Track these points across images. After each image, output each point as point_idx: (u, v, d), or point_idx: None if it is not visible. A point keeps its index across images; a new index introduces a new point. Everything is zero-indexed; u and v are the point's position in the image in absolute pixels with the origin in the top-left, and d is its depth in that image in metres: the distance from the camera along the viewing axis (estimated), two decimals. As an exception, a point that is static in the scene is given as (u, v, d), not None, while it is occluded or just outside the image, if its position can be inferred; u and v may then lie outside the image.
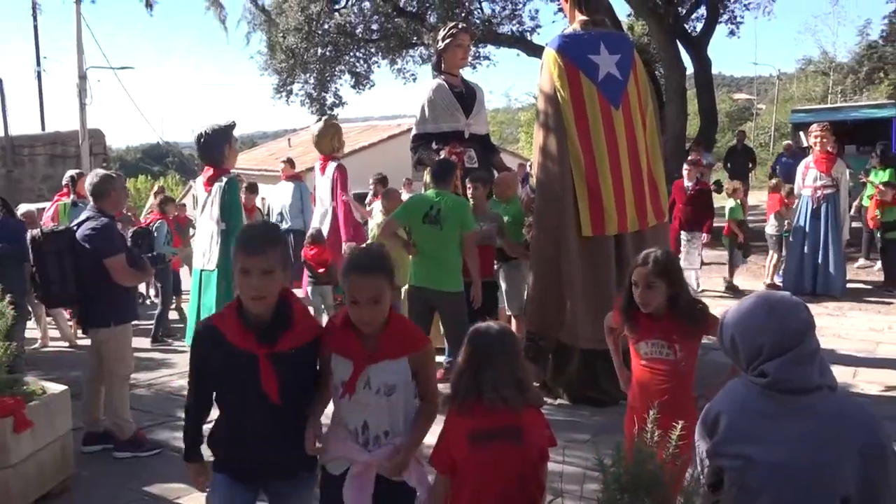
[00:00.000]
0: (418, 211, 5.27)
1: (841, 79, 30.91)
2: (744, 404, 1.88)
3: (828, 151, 8.81)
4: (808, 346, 1.84)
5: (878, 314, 7.89)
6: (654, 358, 2.99)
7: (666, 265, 2.94)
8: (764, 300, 1.94)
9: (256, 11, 14.86)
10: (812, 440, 1.77)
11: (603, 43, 5.47)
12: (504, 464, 2.30)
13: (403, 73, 16.99)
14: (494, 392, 2.29)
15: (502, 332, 2.44)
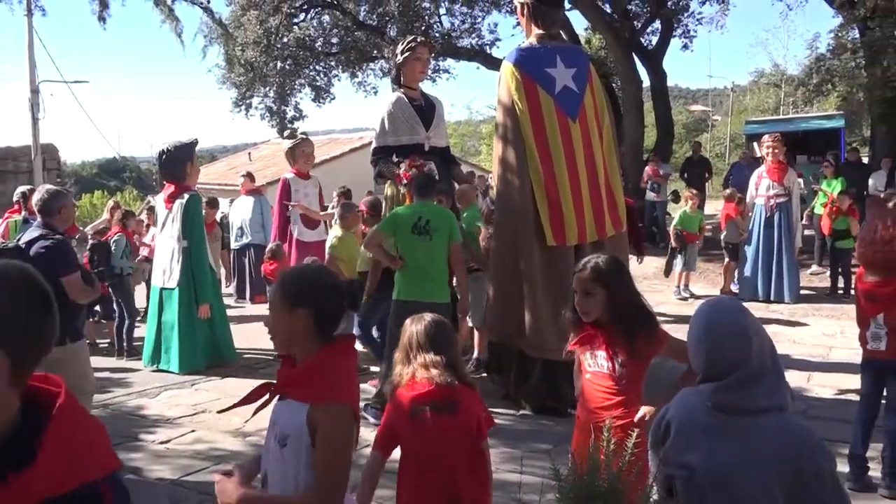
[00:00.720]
0: (406, 222, 5.17)
1: (792, 91, 31.80)
2: (691, 414, 1.88)
3: (780, 161, 9.04)
4: (743, 373, 1.80)
5: (831, 319, 8.09)
6: (595, 371, 2.82)
7: (604, 272, 2.75)
8: (706, 315, 1.91)
9: (213, 25, 14.73)
10: (752, 459, 1.77)
11: (559, 56, 5.55)
12: (444, 435, 2.47)
13: (364, 86, 17.01)
14: (428, 371, 2.47)
15: (436, 321, 2.61)
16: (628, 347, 2.70)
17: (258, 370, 6.89)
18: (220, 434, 5.13)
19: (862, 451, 4.13)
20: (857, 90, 13.98)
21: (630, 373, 2.73)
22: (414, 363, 2.52)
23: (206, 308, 6.80)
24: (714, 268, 11.14)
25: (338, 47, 16.12)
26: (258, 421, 5.40)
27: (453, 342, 2.62)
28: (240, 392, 6.36)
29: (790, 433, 1.80)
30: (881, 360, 4.05)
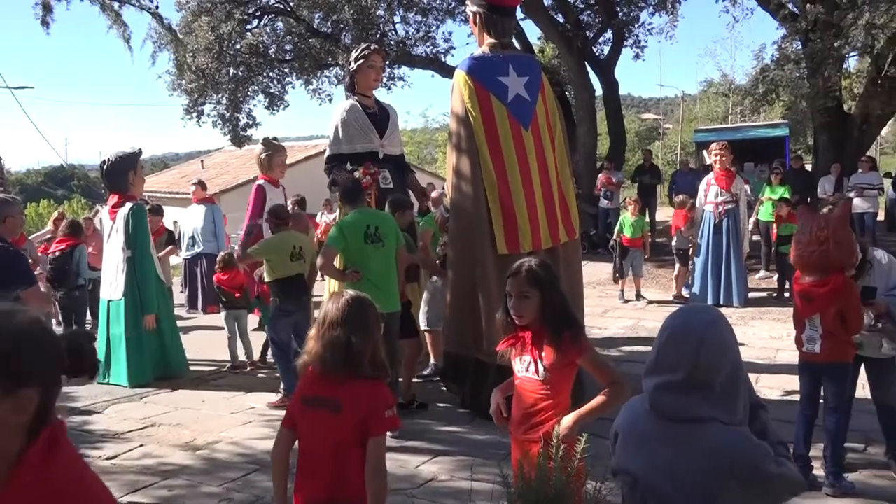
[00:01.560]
0: (357, 232, 5.10)
1: (740, 100, 32.61)
2: (635, 422, 1.90)
3: (727, 169, 9.26)
4: (686, 378, 1.81)
5: (778, 323, 8.30)
6: (524, 377, 2.81)
7: (539, 275, 2.77)
8: (671, 319, 1.92)
9: (162, 31, 14.46)
10: (688, 469, 1.79)
11: (511, 65, 5.59)
12: (321, 431, 2.42)
13: (319, 93, 16.85)
14: (324, 351, 2.41)
15: (353, 299, 2.50)
16: (555, 351, 2.71)
17: (210, 381, 6.77)
18: (169, 448, 5.02)
19: (805, 451, 4.25)
20: (801, 100, 14.41)
21: (555, 377, 2.73)
22: (320, 341, 2.45)
23: (152, 319, 6.66)
24: (666, 273, 11.34)
25: (292, 54, 15.97)
26: (208, 435, 5.33)
27: (370, 325, 2.50)
28: (191, 404, 6.29)
29: (724, 443, 1.80)
30: (816, 362, 4.17)
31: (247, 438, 5.17)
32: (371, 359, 2.45)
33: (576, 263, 6.03)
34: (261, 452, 4.89)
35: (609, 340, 7.63)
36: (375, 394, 2.44)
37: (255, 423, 5.52)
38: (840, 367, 4.14)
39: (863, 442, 4.72)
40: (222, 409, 5.92)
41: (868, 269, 4.21)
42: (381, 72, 6.89)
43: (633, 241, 9.52)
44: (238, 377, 6.89)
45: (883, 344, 4.20)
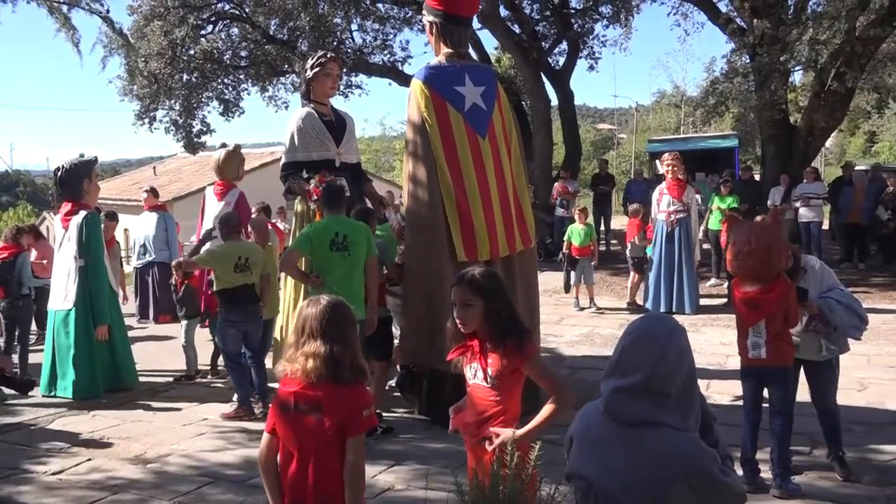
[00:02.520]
0: (323, 239, 5.10)
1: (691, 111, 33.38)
2: (588, 427, 1.93)
3: (678, 179, 9.46)
4: (644, 383, 1.85)
5: (728, 329, 8.46)
6: (474, 384, 2.84)
7: (481, 283, 2.80)
8: (637, 322, 1.97)
9: (113, 35, 14.18)
10: (639, 473, 1.82)
11: (468, 75, 5.63)
12: (302, 436, 2.45)
13: (275, 100, 16.72)
14: (307, 362, 2.43)
15: (330, 305, 2.52)
16: (500, 358, 2.74)
17: (161, 393, 6.63)
18: (118, 462, 4.89)
19: (752, 455, 4.35)
20: (749, 112, 14.83)
21: (503, 384, 2.75)
22: (299, 350, 2.47)
23: (104, 329, 6.49)
24: (620, 281, 11.52)
25: (247, 60, 15.81)
26: (159, 447, 5.22)
27: (348, 330, 2.53)
28: (142, 417, 6.16)
29: (675, 448, 1.85)
30: (762, 366, 4.28)
31: (199, 451, 5.08)
32: (350, 363, 2.49)
33: (532, 271, 6.08)
34: (214, 465, 4.80)
35: (564, 347, 7.71)
36: (353, 396, 2.49)
37: (208, 435, 5.43)
38: (784, 370, 4.26)
39: (808, 444, 4.86)
40: (174, 420, 5.80)
41: (802, 274, 4.35)
42: (338, 80, 6.86)
43: (582, 249, 9.63)
44: (190, 388, 6.76)
45: (822, 346, 4.34)
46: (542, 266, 9.39)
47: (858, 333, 4.39)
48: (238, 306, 5.86)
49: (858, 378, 6.26)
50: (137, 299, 9.51)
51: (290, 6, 14.26)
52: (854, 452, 4.72)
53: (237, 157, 7.71)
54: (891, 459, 4.72)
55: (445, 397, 5.37)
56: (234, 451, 5.09)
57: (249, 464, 4.80)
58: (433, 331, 5.35)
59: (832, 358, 4.43)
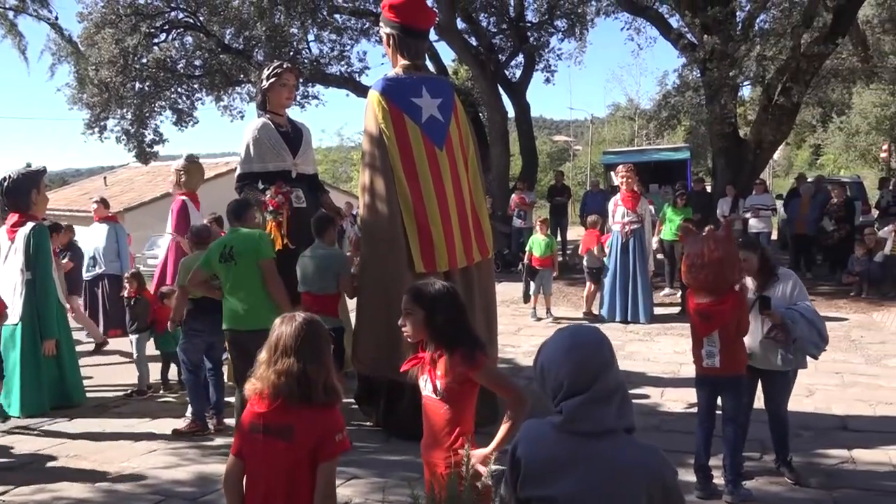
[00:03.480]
0: (215, 253, 5.21)
1: (645, 123, 34.07)
2: (542, 446, 1.93)
3: (633, 190, 9.63)
4: (604, 385, 1.88)
5: (682, 338, 8.63)
6: (427, 395, 2.84)
7: (421, 293, 2.83)
8: (569, 335, 1.98)
9: (62, 42, 13.86)
10: (604, 485, 1.84)
11: (425, 87, 5.65)
12: (271, 459, 2.38)
13: (230, 109, 16.54)
14: (279, 379, 2.36)
15: (305, 323, 2.45)
16: (449, 369, 2.74)
17: (111, 409, 6.45)
18: (66, 482, 4.74)
19: (705, 461, 4.43)
20: (700, 125, 15.17)
21: (453, 396, 2.74)
22: (271, 368, 2.40)
23: (52, 344, 6.30)
24: (577, 291, 11.65)
25: (201, 70, 15.61)
26: (109, 465, 5.08)
27: (323, 349, 2.47)
28: (91, 434, 5.97)
29: (638, 456, 1.88)
30: (716, 375, 4.36)
31: (151, 468, 4.95)
32: (323, 383, 2.41)
33: (490, 282, 6.10)
34: (166, 482, 4.69)
35: (522, 358, 7.76)
36: (326, 419, 2.41)
37: (160, 452, 5.30)
38: (737, 378, 4.35)
39: (759, 450, 4.96)
40: (124, 437, 5.65)
41: (774, 281, 4.45)
42: (294, 90, 6.83)
43: (543, 260, 9.71)
44: (142, 403, 6.60)
45: (779, 356, 4.44)
46: (499, 277, 9.44)
47: (817, 351, 4.47)
48: (204, 316, 5.76)
49: (806, 384, 6.42)
50: (86, 313, 9.27)
51: (246, 15, 14.16)
52: (802, 457, 4.85)
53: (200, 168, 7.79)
54: (837, 463, 4.86)
55: (403, 409, 5.36)
56: (187, 467, 4.98)
57: (203, 481, 4.71)
58: (391, 342, 5.32)
59: (790, 369, 4.53)
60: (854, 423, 5.62)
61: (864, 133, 23.68)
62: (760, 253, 4.50)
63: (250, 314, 4.99)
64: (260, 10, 13.51)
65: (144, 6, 14.55)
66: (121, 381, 7.16)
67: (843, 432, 5.43)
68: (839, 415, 5.81)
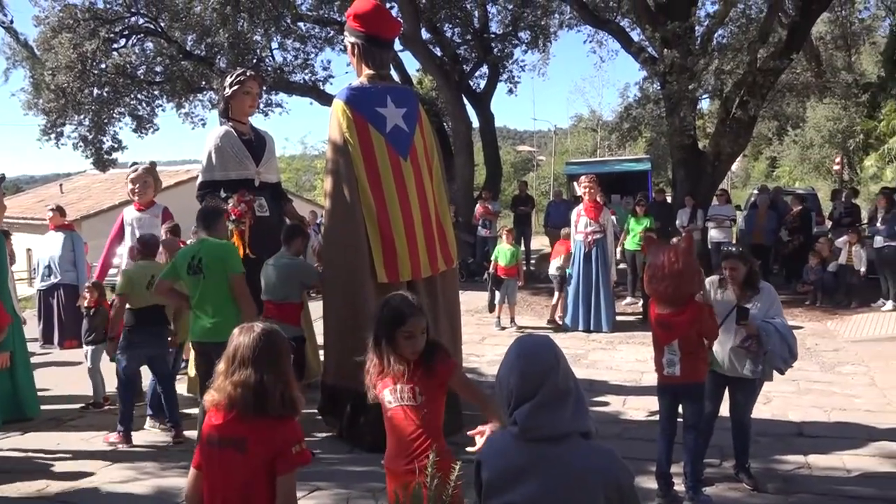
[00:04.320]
0: (182, 264, 5.12)
1: (607, 135, 34.57)
2: (503, 455, 1.95)
3: (596, 201, 9.74)
4: (552, 388, 1.91)
5: (643, 346, 8.73)
6: (398, 406, 2.82)
7: (421, 306, 2.88)
8: (515, 344, 2.03)
9: (17, 46, 13.52)
10: (562, 489, 1.87)
11: (389, 96, 5.66)
12: (227, 472, 2.37)
13: (191, 117, 16.27)
14: (235, 391, 2.35)
15: (264, 333, 2.44)
16: (426, 375, 2.76)
17: (66, 422, 6.29)
18: (19, 498, 4.60)
19: (667, 468, 4.49)
20: (660, 137, 15.44)
21: (429, 402, 2.77)
22: (228, 379, 2.39)
23: (5, 357, 6.11)
24: (540, 300, 11.73)
25: (162, 76, 15.36)
26: (64, 480, 4.95)
27: (282, 360, 2.45)
28: (46, 449, 5.82)
29: (595, 460, 1.91)
30: (676, 383, 4.43)
31: (107, 483, 4.84)
32: (281, 395, 2.39)
33: (454, 292, 6.12)
34: (122, 497, 4.59)
35: (486, 367, 7.77)
36: (284, 431, 2.39)
37: (117, 466, 5.18)
38: (697, 386, 4.42)
39: (718, 457, 5.04)
40: (80, 451, 5.51)
41: (754, 294, 4.54)
42: (258, 98, 6.79)
43: (508, 269, 9.76)
44: (98, 416, 6.44)
45: (746, 365, 4.52)
46: (464, 286, 9.46)
47: (784, 366, 4.57)
48: (143, 327, 5.66)
49: (764, 391, 6.45)
50: (41, 324, 9.03)
51: (209, 22, 13.99)
52: (760, 463, 4.95)
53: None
54: (794, 469, 4.96)
55: (367, 420, 5.33)
56: (145, 481, 4.88)
57: (161, 494, 4.62)
58: (356, 352, 5.28)
59: (756, 378, 4.61)
60: (809, 429, 5.75)
61: (818, 146, 24.33)
62: (749, 266, 4.58)
63: (218, 327, 4.90)
64: (223, 16, 13.37)
65: (103, 11, 14.27)
66: (77, 393, 6.98)
67: (799, 438, 5.56)
68: (795, 421, 5.94)
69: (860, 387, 6.96)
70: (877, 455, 5.14)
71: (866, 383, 7.10)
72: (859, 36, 21.74)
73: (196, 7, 14.07)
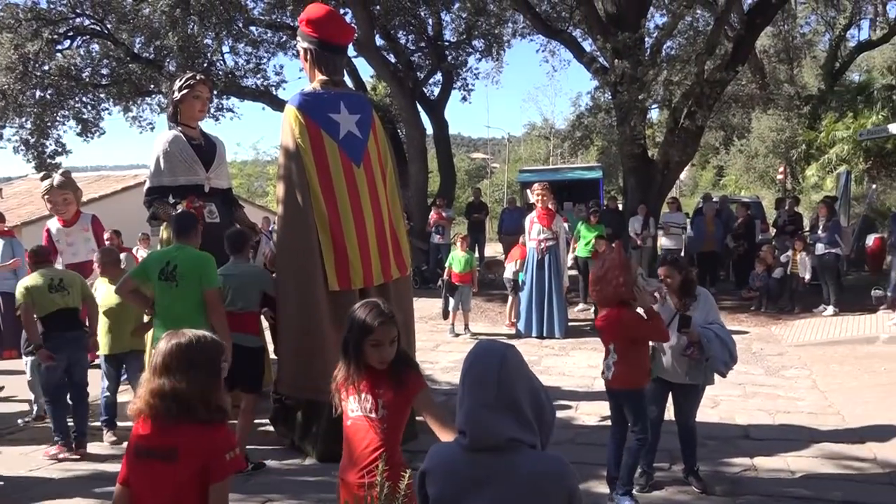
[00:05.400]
0: (155, 267, 4.92)
1: (559, 143, 34.98)
2: (452, 467, 1.94)
3: (548, 208, 9.84)
4: (495, 396, 1.90)
5: (595, 352, 8.82)
6: (359, 416, 2.76)
7: (392, 313, 2.82)
8: (472, 351, 2.02)
9: (-45, 46, 13.05)
10: (514, 499, 1.87)
11: (343, 103, 5.62)
12: (155, 484, 2.31)
13: (139, 121, 15.94)
14: (154, 400, 2.30)
15: (186, 340, 2.38)
16: (394, 389, 2.72)
17: (5, 436, 6.06)
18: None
19: (616, 473, 4.53)
20: (612, 145, 15.70)
21: (392, 416, 2.73)
22: (149, 387, 2.33)
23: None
24: (494, 307, 11.78)
25: (108, 79, 15.00)
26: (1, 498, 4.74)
27: (200, 366, 2.37)
28: (-20, 463, 5.55)
29: (543, 466, 1.92)
30: (613, 388, 4.53)
31: (46, 499, 4.67)
32: (204, 401, 2.32)
33: (407, 299, 6.10)
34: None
35: (440, 374, 7.76)
36: (214, 438, 2.33)
37: (58, 482, 5.01)
38: (631, 392, 4.47)
39: (668, 461, 5.12)
40: (20, 466, 5.31)
41: (692, 302, 4.62)
42: (208, 102, 6.65)
43: (463, 276, 9.78)
44: (39, 429, 6.22)
45: (689, 371, 4.60)
46: (417, 293, 9.44)
47: (725, 370, 4.67)
48: (56, 333, 5.48)
49: (711, 395, 6.67)
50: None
51: (157, 25, 13.71)
52: (708, 466, 5.04)
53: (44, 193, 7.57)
54: (740, 471, 5.07)
55: (319, 429, 5.27)
56: (87, 500, 4.73)
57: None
58: (310, 361, 5.23)
59: (699, 383, 4.70)
60: (755, 431, 5.89)
61: (763, 156, 25.01)
62: (684, 273, 4.67)
63: None
64: (172, 19, 13.11)
65: (47, 11, 13.88)
66: (17, 406, 6.74)
67: (745, 441, 5.68)
68: (742, 424, 6.07)
69: (803, 390, 7.17)
70: (819, 456, 5.29)
71: (809, 386, 7.31)
72: (801, 50, 22.48)
73: (145, 9, 13.78)
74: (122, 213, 13.52)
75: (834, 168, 20.03)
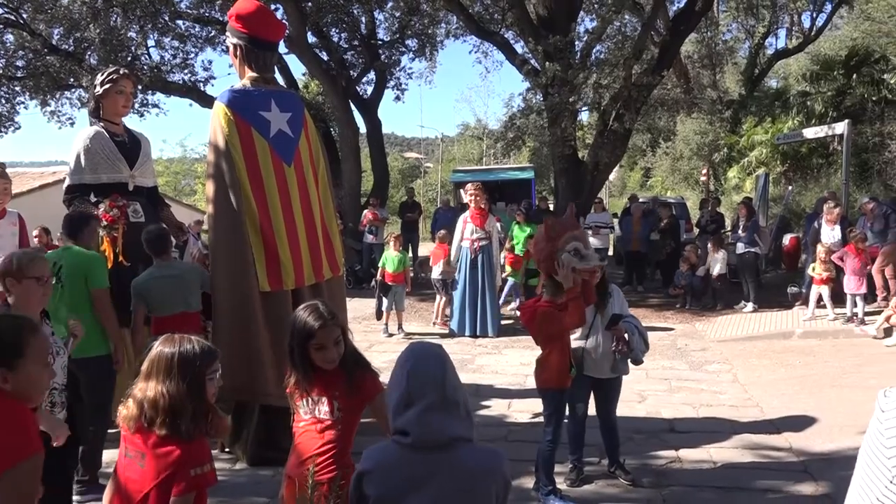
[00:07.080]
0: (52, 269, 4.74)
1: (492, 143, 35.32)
2: (393, 467, 1.95)
3: (481, 208, 9.92)
4: (442, 394, 1.94)
5: (527, 350, 8.95)
6: (311, 418, 2.76)
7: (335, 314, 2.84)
8: (406, 351, 2.05)
9: None
10: (458, 494, 1.91)
11: (274, 100, 5.52)
12: (129, 485, 2.35)
13: (58, 115, 15.30)
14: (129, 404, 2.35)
15: (179, 348, 2.37)
16: (348, 393, 2.71)
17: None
18: None
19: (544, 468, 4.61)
20: (543, 146, 15.97)
21: (346, 418, 2.72)
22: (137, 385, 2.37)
23: None
24: (427, 306, 11.80)
25: (24, 71, 14.35)
26: None
27: (182, 379, 2.34)
28: None
29: (484, 460, 1.97)
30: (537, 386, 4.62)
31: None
32: (177, 413, 2.30)
33: (340, 299, 6.03)
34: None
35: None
36: (184, 450, 2.30)
37: None
38: (543, 392, 4.55)
39: (598, 455, 5.24)
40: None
41: (609, 299, 4.74)
42: (132, 97, 6.43)
43: (396, 276, 9.77)
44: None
45: (611, 365, 4.72)
46: (351, 293, 9.37)
47: (642, 357, 4.83)
48: None
49: (638, 390, 6.89)
50: None
51: (78, 16, 13.20)
52: (635, 459, 5.19)
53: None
54: (666, 463, 5.23)
55: (249, 433, 5.18)
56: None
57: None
58: (246, 364, 5.11)
59: (618, 376, 4.84)
60: (680, 424, 6.09)
61: (687, 158, 25.86)
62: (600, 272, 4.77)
63: (83, 341, 4.59)
64: (93, 10, 12.65)
65: (-43, -1, 13.23)
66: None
67: (670, 434, 5.87)
68: (667, 418, 6.26)
69: (725, 383, 7.45)
70: (739, 447, 5.51)
71: (730, 380, 7.60)
72: (723, 56, 23.35)
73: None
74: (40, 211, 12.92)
75: (753, 170, 20.88)
